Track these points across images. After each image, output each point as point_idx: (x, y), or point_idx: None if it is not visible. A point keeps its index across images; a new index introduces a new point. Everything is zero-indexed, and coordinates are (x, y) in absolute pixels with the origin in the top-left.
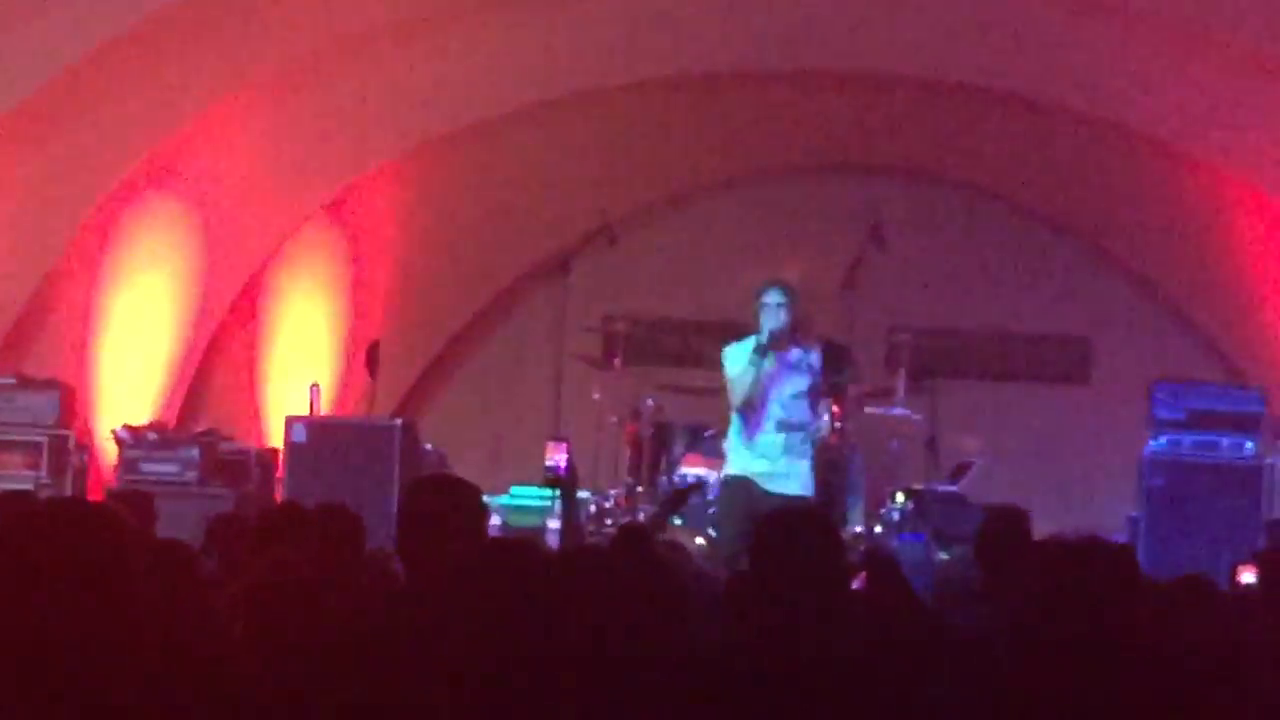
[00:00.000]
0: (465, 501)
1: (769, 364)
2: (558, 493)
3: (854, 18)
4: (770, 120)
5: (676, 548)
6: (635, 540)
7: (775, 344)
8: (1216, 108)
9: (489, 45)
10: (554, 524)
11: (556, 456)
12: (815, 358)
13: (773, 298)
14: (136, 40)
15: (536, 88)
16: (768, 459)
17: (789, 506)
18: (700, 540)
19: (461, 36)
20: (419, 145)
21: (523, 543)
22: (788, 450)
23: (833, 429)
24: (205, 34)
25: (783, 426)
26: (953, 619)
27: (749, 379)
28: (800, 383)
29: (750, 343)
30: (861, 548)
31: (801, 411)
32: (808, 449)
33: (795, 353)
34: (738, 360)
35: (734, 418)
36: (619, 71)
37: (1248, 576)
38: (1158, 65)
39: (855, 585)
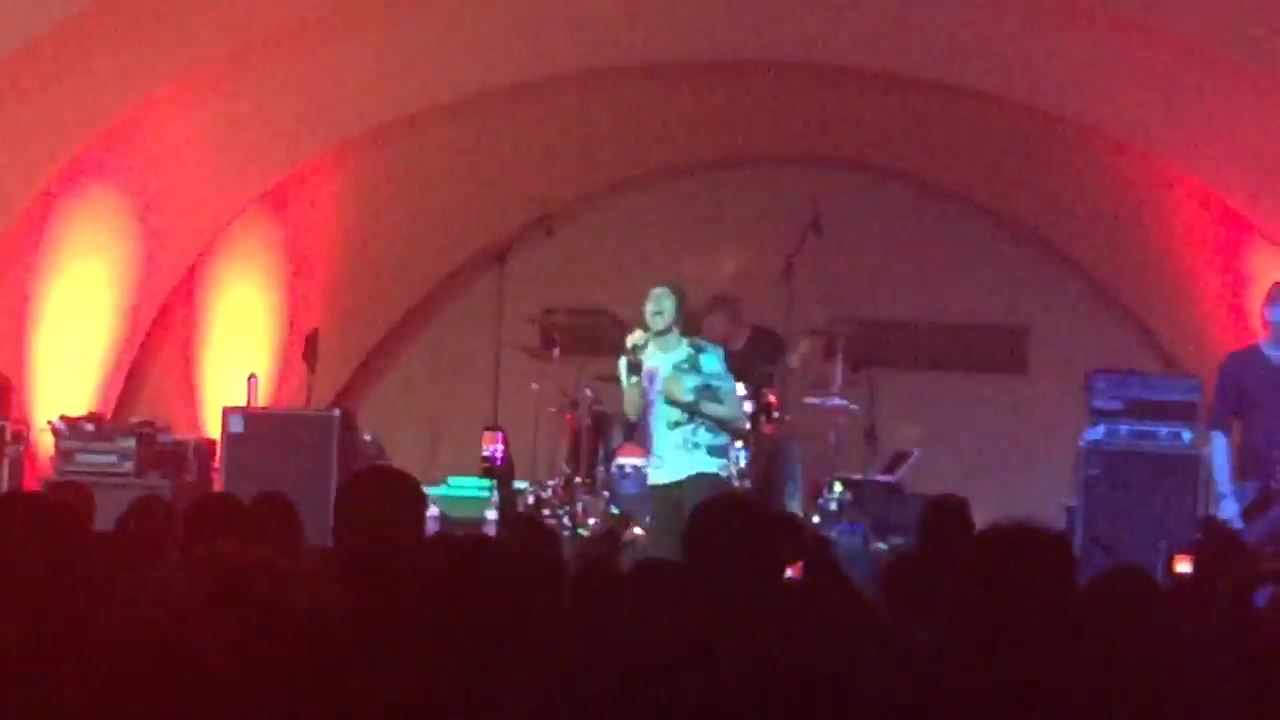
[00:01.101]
0: (404, 494)
1: (639, 378)
2: (495, 483)
3: (792, 9)
4: (709, 111)
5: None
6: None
7: (635, 367)
8: (1155, 99)
9: (427, 36)
10: (492, 514)
11: (492, 447)
12: (711, 357)
13: (652, 300)
14: (72, 31)
15: (475, 79)
16: (668, 456)
17: (722, 496)
18: (639, 530)
19: (399, 28)
20: (357, 136)
21: (469, 538)
22: (679, 446)
23: (770, 419)
24: (142, 25)
25: (673, 425)
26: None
27: (630, 395)
28: (688, 382)
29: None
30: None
31: (686, 409)
32: (702, 439)
33: (682, 353)
34: (620, 372)
35: None
36: (557, 62)
37: (1184, 566)
38: (1097, 57)
39: (790, 573)
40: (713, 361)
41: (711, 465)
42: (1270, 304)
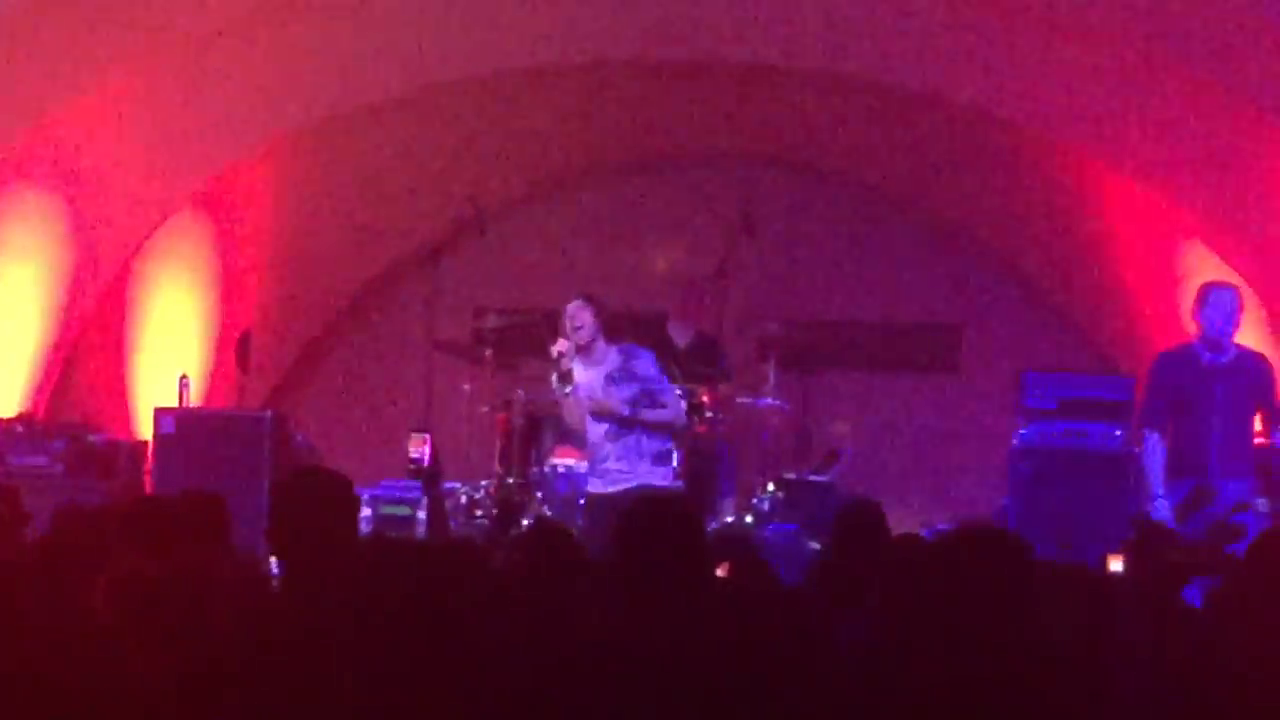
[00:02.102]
0: (337, 495)
1: (569, 389)
2: (423, 485)
3: (727, 8)
4: (642, 110)
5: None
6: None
7: (565, 378)
8: (1087, 97)
9: (359, 34)
10: (424, 515)
11: (420, 449)
12: (644, 363)
13: (568, 318)
14: None
15: (407, 77)
16: (613, 471)
17: (651, 496)
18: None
19: (329, 26)
20: (289, 134)
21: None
22: (623, 456)
23: (703, 418)
24: (70, 23)
25: (612, 435)
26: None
27: (568, 406)
28: (621, 392)
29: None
30: (736, 537)
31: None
32: (645, 447)
33: (612, 362)
34: (554, 384)
35: None
36: (489, 62)
37: (1116, 565)
38: (1028, 56)
39: (720, 573)
40: (646, 364)
41: (657, 475)
42: (1200, 306)
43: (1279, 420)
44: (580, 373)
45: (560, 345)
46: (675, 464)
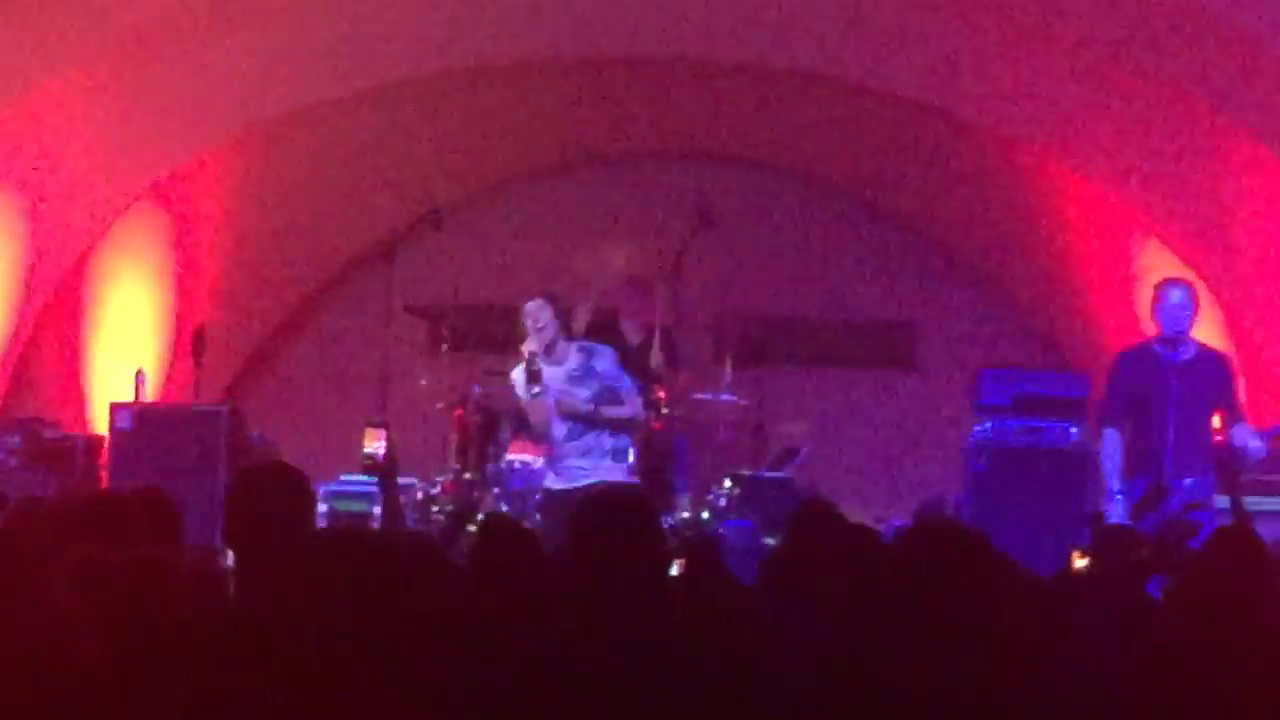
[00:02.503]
0: (293, 489)
1: (538, 389)
2: (379, 479)
3: (683, 5)
4: (598, 106)
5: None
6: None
7: (535, 378)
8: (1043, 96)
9: (316, 30)
10: (380, 511)
11: (375, 443)
12: (604, 360)
13: (529, 318)
14: None
15: (363, 74)
16: (573, 460)
17: (607, 491)
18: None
19: (288, 21)
20: (246, 130)
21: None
22: (583, 454)
23: (659, 415)
24: (27, 14)
25: (575, 433)
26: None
27: (534, 408)
28: (581, 391)
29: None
30: (688, 534)
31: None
32: (607, 443)
33: (573, 360)
34: (518, 385)
35: None
36: (447, 57)
37: (1080, 563)
38: (985, 53)
39: (676, 570)
40: (606, 362)
41: (617, 471)
42: (1156, 303)
43: (1238, 418)
44: (546, 373)
45: (531, 345)
46: (632, 460)
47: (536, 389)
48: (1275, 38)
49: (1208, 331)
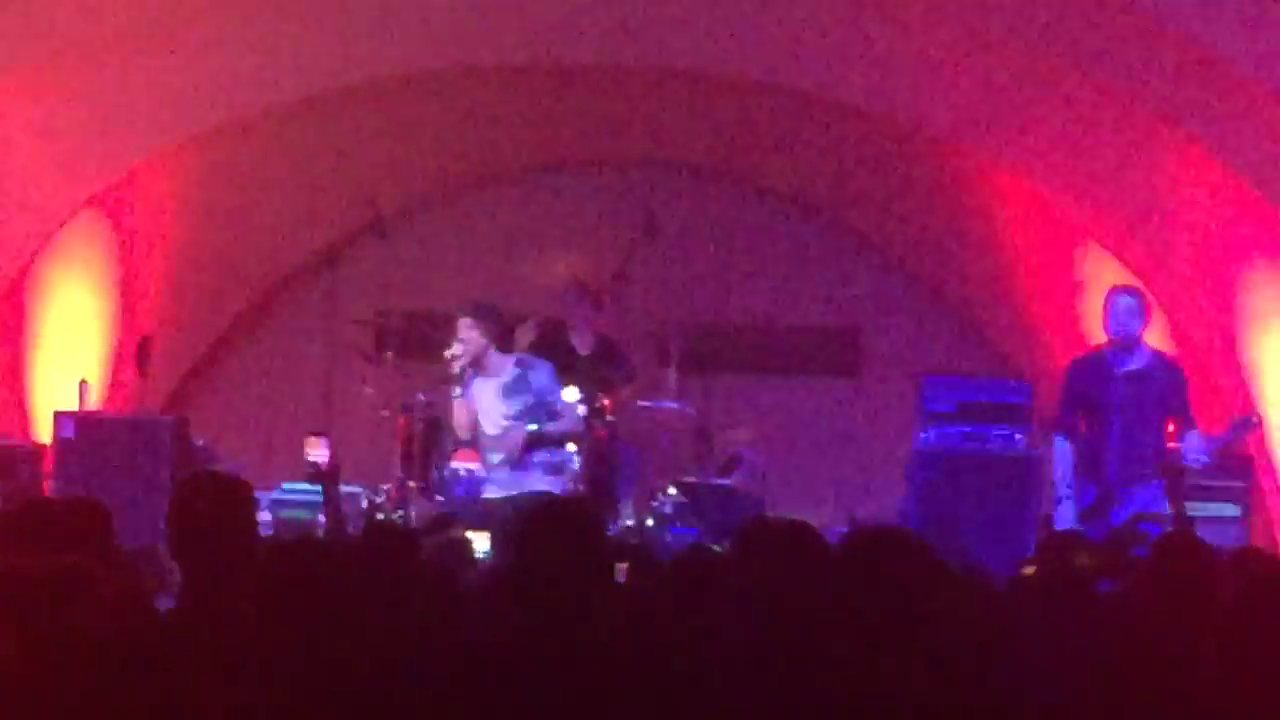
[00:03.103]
0: (236, 499)
1: (458, 391)
2: (322, 488)
3: (627, 12)
4: (541, 114)
5: (456, 544)
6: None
7: (453, 379)
8: (984, 102)
9: (260, 38)
10: (324, 519)
11: (318, 451)
12: (540, 375)
13: (459, 330)
14: None
15: (306, 82)
16: (507, 478)
17: (549, 501)
18: (486, 538)
19: (229, 30)
20: (190, 138)
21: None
22: (521, 467)
23: (604, 422)
24: None
25: (498, 444)
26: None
27: (456, 412)
28: (514, 404)
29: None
30: (633, 541)
31: (519, 430)
32: (537, 456)
33: (506, 374)
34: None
35: None
36: (389, 65)
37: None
38: (926, 59)
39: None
40: (543, 376)
41: (544, 483)
42: (1108, 311)
43: (1190, 426)
44: (477, 385)
45: (455, 349)
46: (576, 468)
47: (457, 390)
48: (1216, 42)
49: (1150, 337)
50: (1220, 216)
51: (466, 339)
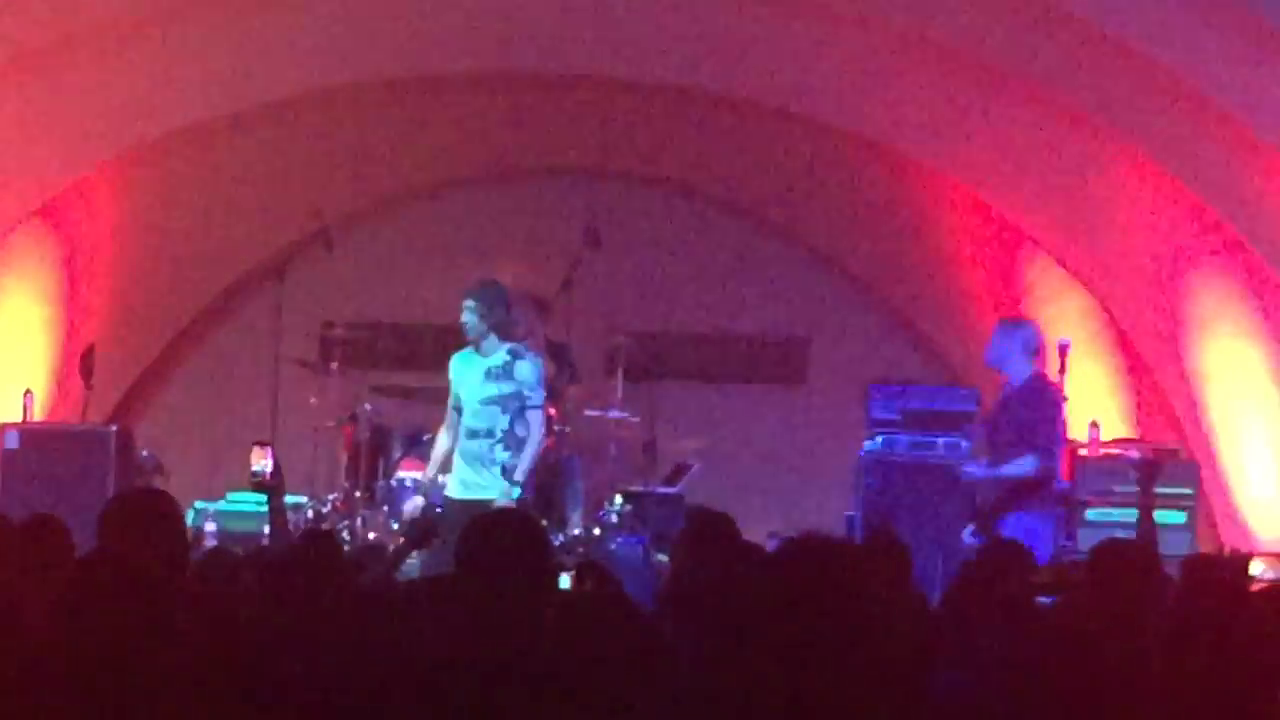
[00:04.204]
0: (165, 515)
1: (461, 372)
2: (266, 498)
3: (566, 21)
4: (485, 124)
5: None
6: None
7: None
8: (929, 111)
9: (204, 48)
10: (269, 529)
11: (262, 462)
12: (526, 366)
13: (463, 303)
14: None
15: (252, 91)
16: (462, 468)
17: (493, 512)
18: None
19: (176, 39)
20: (135, 148)
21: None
22: (477, 458)
23: (550, 431)
24: None
25: (471, 434)
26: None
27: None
28: (490, 389)
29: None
30: (580, 550)
31: (490, 418)
32: (499, 456)
33: (496, 358)
34: (452, 367)
35: None
36: (335, 74)
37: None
38: (871, 68)
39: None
40: (527, 370)
41: (498, 488)
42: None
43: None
44: (468, 358)
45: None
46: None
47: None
48: (1161, 53)
49: (1096, 345)
50: (1165, 222)
51: (468, 323)
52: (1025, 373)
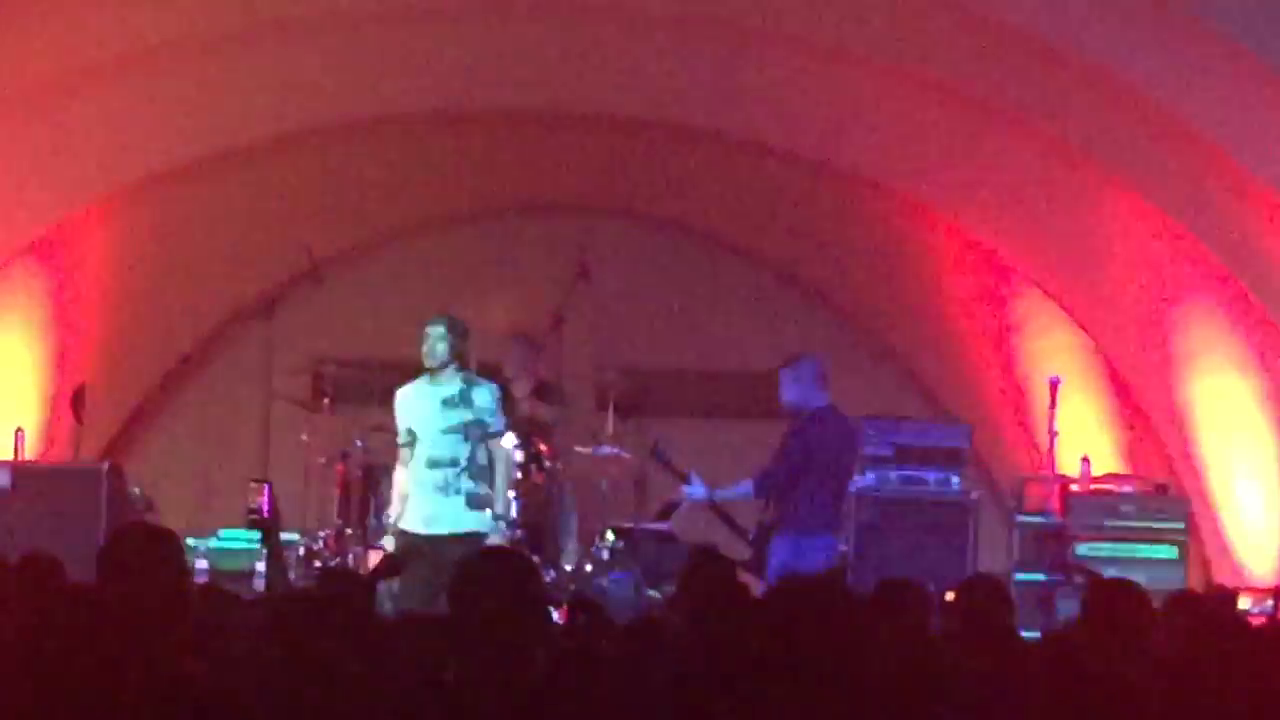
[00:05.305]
0: (165, 551)
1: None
2: (262, 535)
3: (559, 58)
4: (477, 160)
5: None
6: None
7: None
8: (918, 145)
9: (196, 87)
10: (262, 566)
11: (258, 499)
12: (483, 392)
13: (429, 330)
14: None
15: (243, 130)
16: (424, 501)
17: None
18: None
19: (168, 78)
20: (125, 187)
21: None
22: (440, 488)
23: (541, 467)
24: None
25: (433, 464)
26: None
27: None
28: (450, 417)
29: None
30: (572, 586)
31: (451, 447)
32: (463, 485)
33: (450, 386)
34: (400, 403)
35: None
36: (327, 112)
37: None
38: (862, 104)
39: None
40: (484, 396)
41: (470, 520)
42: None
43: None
44: (423, 388)
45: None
46: (513, 512)
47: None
48: (1152, 90)
49: (1090, 379)
50: (1155, 257)
51: (435, 351)
52: (820, 402)
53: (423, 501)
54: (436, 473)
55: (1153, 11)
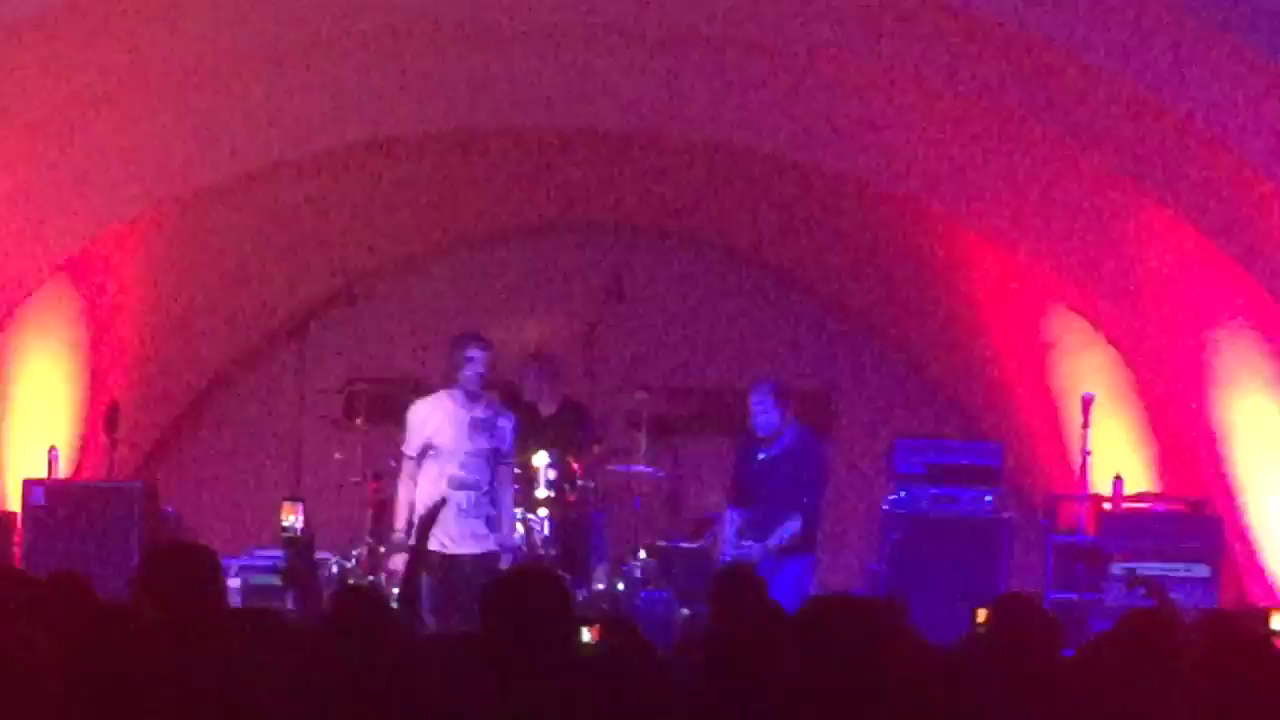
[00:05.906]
0: (202, 568)
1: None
2: (295, 554)
3: (587, 77)
4: (511, 179)
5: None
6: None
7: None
8: (957, 164)
9: (228, 106)
10: (296, 584)
11: (293, 517)
12: (507, 425)
13: (476, 354)
14: None
15: (276, 148)
16: (455, 522)
17: (517, 570)
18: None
19: (199, 97)
20: (160, 204)
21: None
22: (465, 511)
23: (574, 487)
24: None
25: (460, 485)
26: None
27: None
28: (480, 441)
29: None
30: (604, 605)
31: (478, 470)
32: (485, 509)
33: (481, 410)
34: (422, 414)
35: None
36: (359, 131)
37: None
38: (899, 122)
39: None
40: (508, 424)
41: (491, 542)
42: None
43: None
44: (461, 403)
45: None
46: (547, 531)
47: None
48: (1186, 107)
49: (1121, 401)
50: (1190, 278)
51: (481, 373)
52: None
53: (447, 522)
54: (463, 494)
55: (1194, 34)
